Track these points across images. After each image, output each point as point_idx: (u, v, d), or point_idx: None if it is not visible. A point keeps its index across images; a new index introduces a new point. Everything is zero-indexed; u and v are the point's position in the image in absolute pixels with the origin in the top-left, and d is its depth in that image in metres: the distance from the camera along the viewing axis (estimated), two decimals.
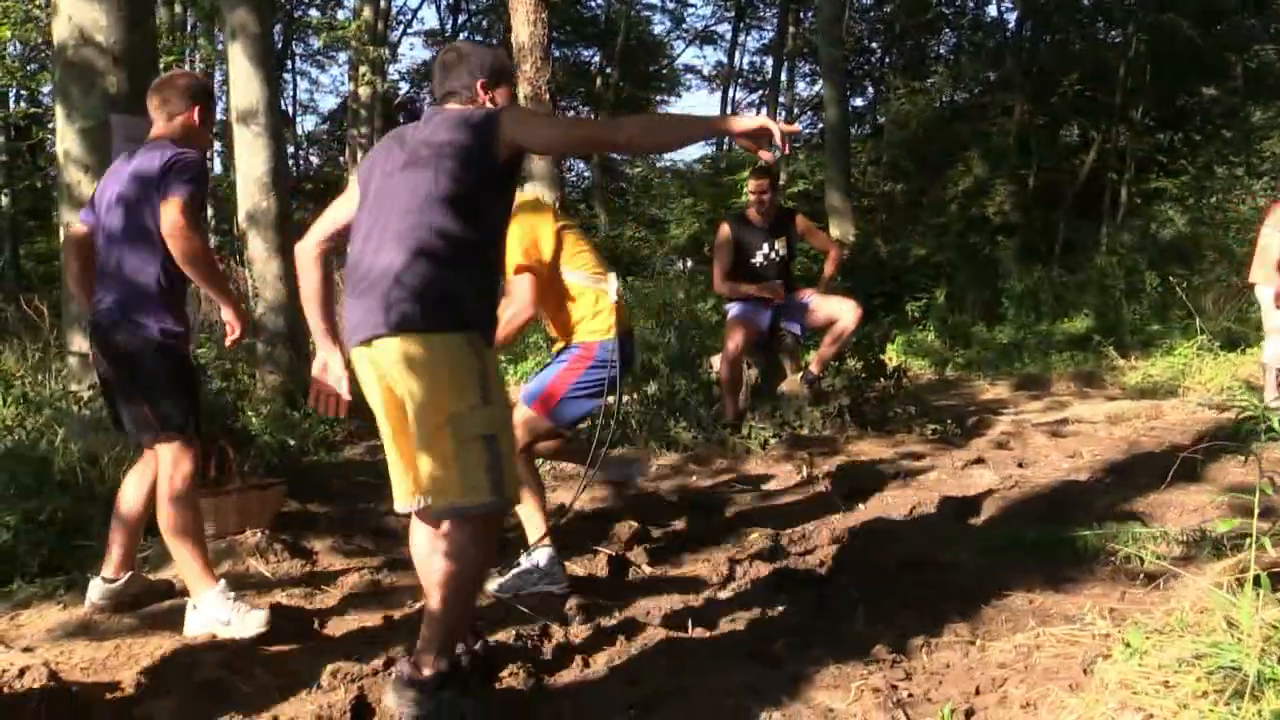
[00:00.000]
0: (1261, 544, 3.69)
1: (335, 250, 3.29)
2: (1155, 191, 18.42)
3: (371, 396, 3.06)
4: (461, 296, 2.93)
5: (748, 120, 2.81)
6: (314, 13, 26.79)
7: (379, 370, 2.96)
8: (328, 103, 63.17)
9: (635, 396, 7.44)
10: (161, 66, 7.88)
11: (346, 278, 3.07)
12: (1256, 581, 3.17)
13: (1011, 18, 25.55)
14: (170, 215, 3.59)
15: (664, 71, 35.12)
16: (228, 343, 3.74)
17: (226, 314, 3.75)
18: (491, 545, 3.02)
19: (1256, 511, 3.37)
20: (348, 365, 3.24)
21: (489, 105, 3.15)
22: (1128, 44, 20.14)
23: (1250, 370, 8.35)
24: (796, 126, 3.03)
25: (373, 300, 2.90)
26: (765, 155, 2.87)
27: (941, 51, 28.99)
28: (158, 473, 3.79)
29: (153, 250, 3.73)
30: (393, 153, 3.08)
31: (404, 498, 3.12)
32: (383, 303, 2.88)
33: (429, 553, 3.06)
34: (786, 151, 2.94)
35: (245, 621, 3.67)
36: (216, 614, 3.70)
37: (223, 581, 3.80)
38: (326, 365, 3.26)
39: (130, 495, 3.92)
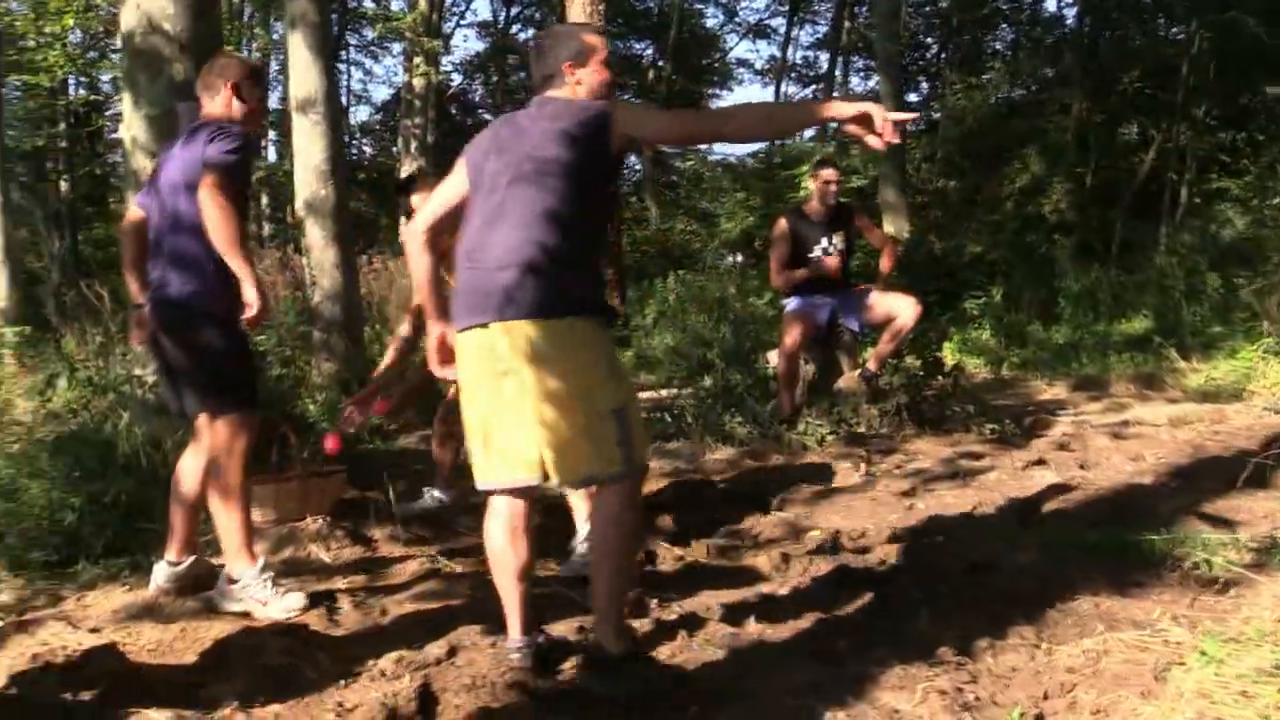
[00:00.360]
0: None
1: (444, 232, 3.32)
2: (1216, 191, 18.12)
3: (477, 378, 3.08)
4: (584, 282, 3.03)
5: (857, 106, 2.81)
6: (369, 3, 26.96)
7: (497, 352, 2.99)
8: (381, 93, 63.67)
9: (690, 390, 7.42)
10: None
11: (460, 261, 3.11)
12: None
13: (1070, 13, 25.26)
14: (204, 179, 3.63)
15: (716, 65, 35.02)
16: (244, 320, 3.71)
17: (247, 292, 3.71)
18: (640, 511, 3.12)
19: None
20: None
21: (577, 85, 3.19)
22: (1190, 41, 19.81)
23: None
24: (911, 115, 2.99)
25: (494, 286, 2.96)
26: (874, 143, 2.84)
27: (998, 47, 28.72)
28: (213, 448, 3.83)
29: (194, 235, 3.77)
30: (506, 139, 3.13)
31: (504, 476, 3.10)
32: (507, 289, 2.94)
33: (506, 538, 3.14)
34: (895, 140, 2.90)
35: (282, 604, 3.73)
36: (255, 594, 3.76)
37: (261, 561, 3.85)
38: (445, 338, 3.27)
39: (187, 477, 3.98)
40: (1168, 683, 2.85)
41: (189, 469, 3.98)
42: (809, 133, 25.35)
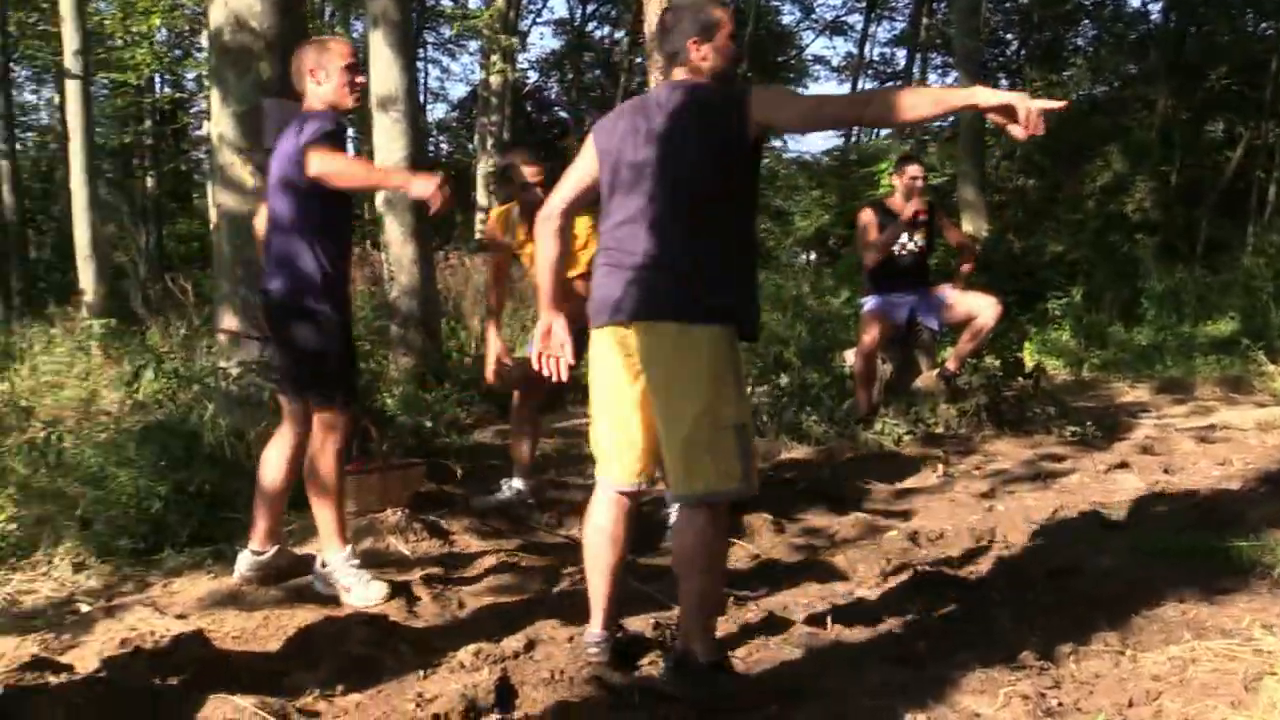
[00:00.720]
0: None
1: (576, 216, 3.33)
2: None
3: (607, 374, 3.10)
4: (727, 286, 2.98)
5: (1002, 95, 2.72)
6: (447, 1, 27.18)
7: (628, 350, 3.01)
8: (457, 90, 64.16)
9: (766, 389, 7.38)
10: None
11: (600, 257, 3.12)
12: None
13: (1155, 8, 24.77)
14: (309, 160, 3.64)
15: (792, 62, 34.82)
16: (434, 209, 3.58)
17: (414, 189, 3.60)
18: (726, 525, 3.10)
19: None
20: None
21: (702, 62, 3.10)
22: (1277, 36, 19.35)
23: None
24: (1059, 104, 2.88)
25: (635, 283, 2.96)
26: (1017, 133, 2.74)
27: (1080, 43, 28.20)
28: (310, 439, 3.92)
29: (310, 232, 3.83)
30: (640, 128, 3.07)
31: (621, 476, 3.13)
32: (648, 287, 2.95)
33: (608, 533, 3.14)
34: (1040, 132, 2.79)
35: (365, 591, 3.81)
36: (340, 579, 3.83)
37: (350, 548, 3.90)
38: (551, 329, 3.28)
39: (271, 467, 4.05)
40: (1259, 693, 2.79)
41: (272, 459, 4.05)
42: (886, 129, 25.13)
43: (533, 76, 32.33)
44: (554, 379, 3.33)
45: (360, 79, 3.97)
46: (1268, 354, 9.89)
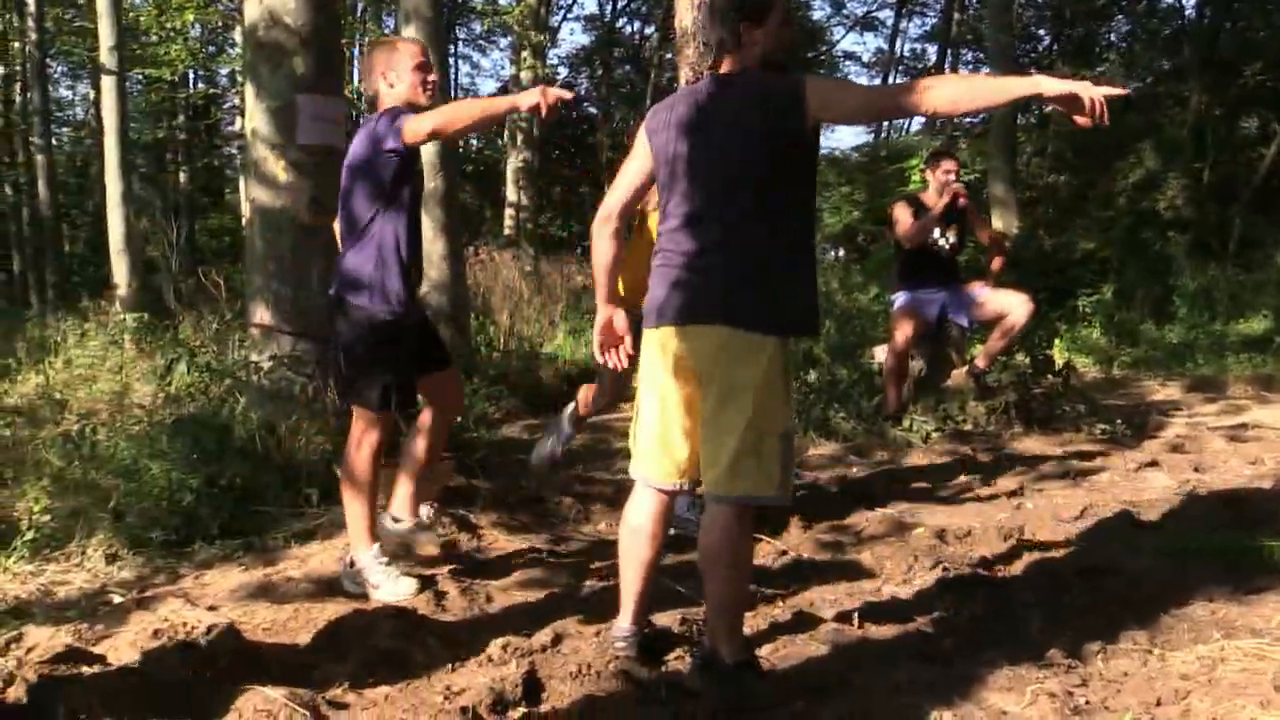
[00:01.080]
0: None
1: (633, 214, 3.32)
2: None
3: (659, 374, 3.08)
4: (782, 287, 2.95)
5: (1065, 84, 2.68)
6: None
7: (682, 353, 2.99)
8: (488, 86, 64.25)
9: (795, 385, 7.37)
10: None
11: (657, 256, 3.09)
12: None
13: (1189, 4, 24.53)
14: (406, 129, 3.70)
15: (823, 58, 34.72)
16: (545, 114, 3.54)
17: (524, 103, 3.57)
18: (752, 525, 3.11)
19: None
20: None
21: (753, 47, 3.01)
22: None
23: None
24: (1122, 90, 2.83)
25: (688, 285, 2.95)
26: (1082, 121, 2.70)
27: (1113, 39, 27.97)
28: (350, 435, 3.98)
29: (364, 235, 3.88)
30: (692, 122, 3.02)
31: (664, 475, 3.12)
32: (707, 291, 2.92)
33: (645, 530, 3.14)
34: (1104, 122, 2.74)
35: (395, 587, 3.85)
36: (369, 576, 3.88)
37: (378, 546, 3.93)
38: (611, 321, 3.29)
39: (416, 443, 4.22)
40: None
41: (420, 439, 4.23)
42: (916, 124, 25.03)
43: (563, 72, 32.38)
44: (616, 369, 3.36)
45: (432, 77, 4.01)
46: None
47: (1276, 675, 2.95)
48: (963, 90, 2.85)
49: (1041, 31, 30.18)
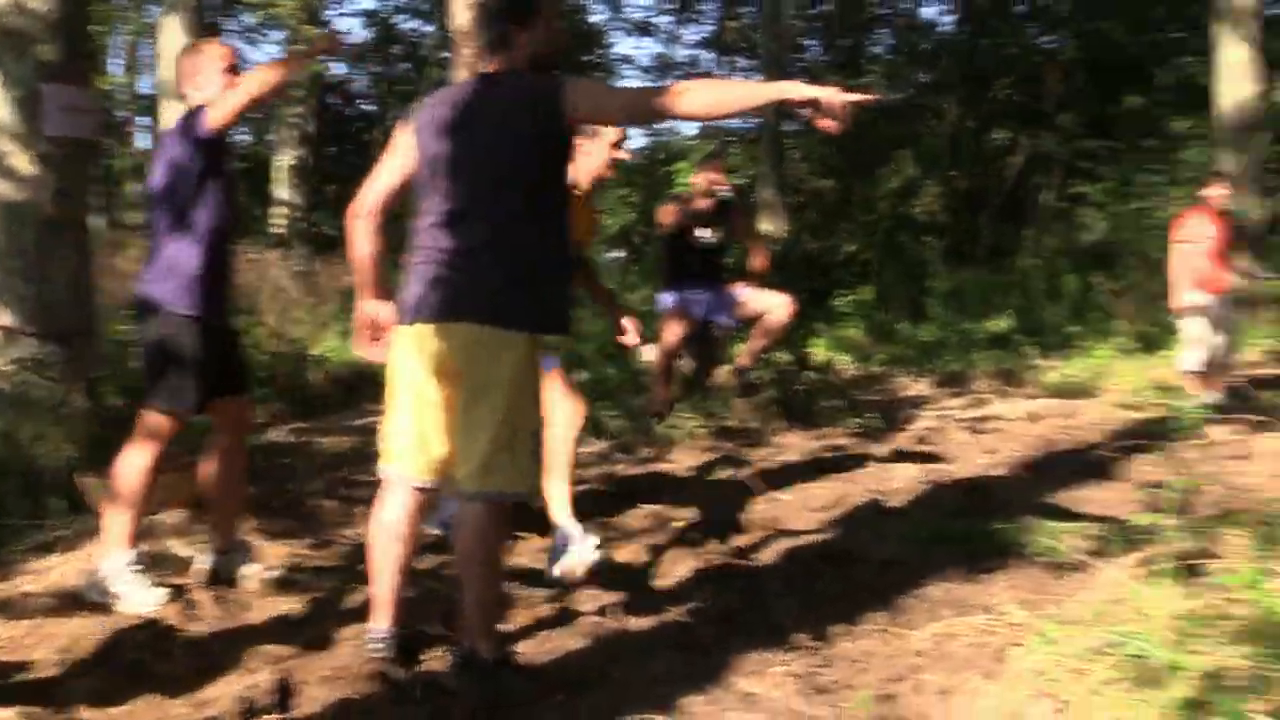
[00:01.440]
0: (1172, 538, 3.82)
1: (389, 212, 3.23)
2: (1079, 196, 18.76)
3: (409, 372, 3.04)
4: (536, 286, 2.96)
5: (811, 89, 2.75)
6: None
7: (438, 349, 2.95)
8: None
9: None
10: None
11: (414, 253, 3.04)
12: (1167, 574, 3.28)
13: (948, 20, 25.81)
14: (212, 110, 3.68)
15: (599, 61, 34.96)
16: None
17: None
18: (507, 523, 3.16)
19: (1167, 507, 3.48)
20: None
21: (520, 50, 3.03)
22: (1061, 50, 20.49)
23: (1163, 373, 8.58)
24: (869, 96, 2.93)
25: (442, 283, 2.92)
26: (828, 125, 2.76)
27: (878, 51, 29.21)
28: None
29: (172, 232, 3.78)
30: (455, 121, 3.00)
31: (419, 472, 3.09)
32: (472, 289, 2.91)
33: (398, 528, 3.11)
34: (847, 125, 2.81)
35: (143, 596, 3.70)
36: (115, 585, 3.72)
37: (134, 554, 3.78)
38: (370, 314, 3.26)
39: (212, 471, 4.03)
40: (1007, 663, 2.98)
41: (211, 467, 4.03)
42: (692, 129, 25.52)
43: (339, 69, 31.58)
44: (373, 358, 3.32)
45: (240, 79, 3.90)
46: (1038, 349, 10.52)
47: (999, 648, 3.16)
48: (717, 95, 2.91)
49: (811, 42, 31.28)
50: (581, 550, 3.99)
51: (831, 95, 2.73)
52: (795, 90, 2.79)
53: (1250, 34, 11.89)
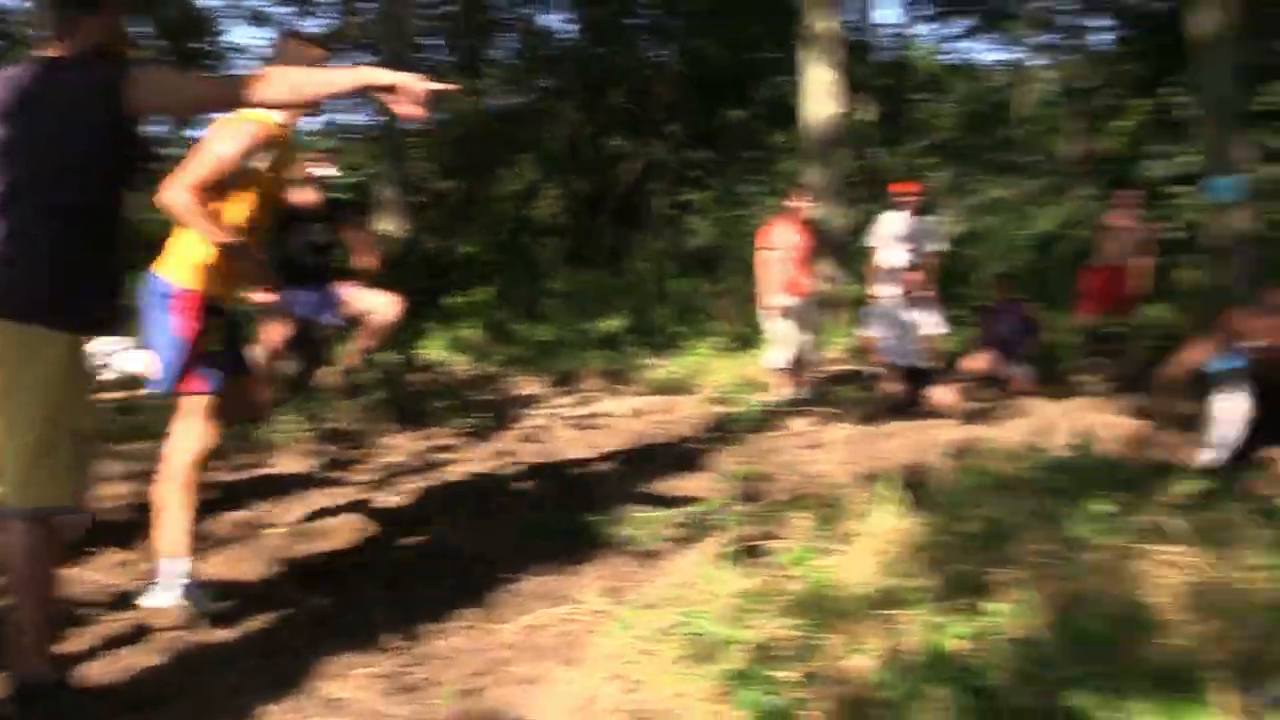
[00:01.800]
0: (740, 523, 4.12)
1: None
2: (686, 204, 19.76)
3: None
4: (81, 282, 2.77)
5: (391, 76, 2.73)
6: None
7: None
8: None
9: None
10: None
11: None
12: (733, 556, 3.53)
13: (570, 28, 26.44)
14: None
15: (209, 49, 33.30)
16: None
17: None
18: (58, 540, 2.90)
19: (736, 495, 3.75)
20: None
21: (84, 37, 2.85)
22: (669, 65, 21.50)
23: (754, 370, 9.18)
24: (451, 86, 2.94)
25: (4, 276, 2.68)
26: (410, 113, 2.75)
27: (501, 55, 29.48)
28: None
29: None
30: (18, 106, 2.77)
31: None
32: (14, 283, 2.70)
33: None
34: (428, 114, 2.78)
35: None
36: None
37: None
38: None
39: None
40: (587, 650, 3.11)
41: None
42: (314, 123, 24.78)
43: None
44: None
45: None
46: (647, 348, 10.98)
47: (581, 636, 3.30)
48: (295, 82, 2.87)
49: (434, 42, 31.14)
50: (182, 592, 3.74)
51: (410, 81, 2.75)
52: (374, 76, 2.82)
53: (834, 58, 12.90)
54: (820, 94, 12.96)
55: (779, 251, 8.39)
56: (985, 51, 47.25)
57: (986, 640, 2.65)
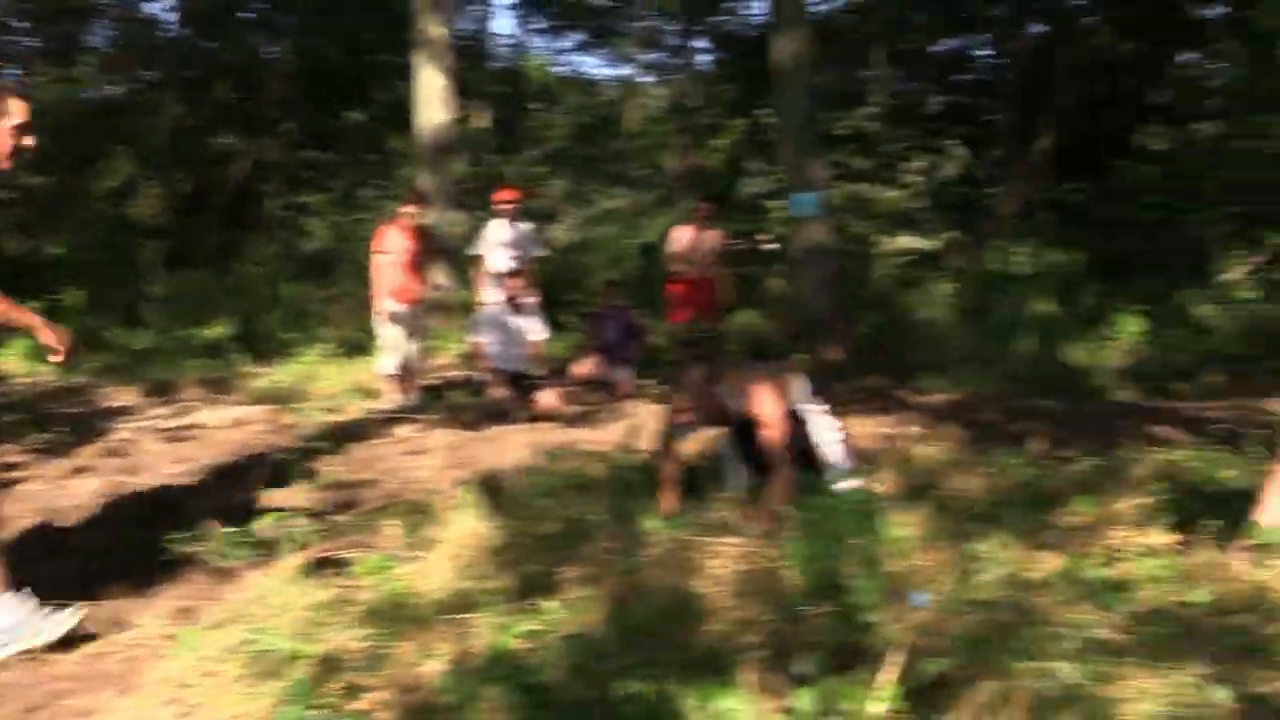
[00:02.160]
0: (327, 533, 4.06)
1: None
2: (302, 206, 19.23)
3: None
4: None
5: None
6: None
7: None
8: None
9: None
10: None
11: None
12: (308, 569, 3.48)
13: (170, 18, 25.03)
14: None
15: None
16: None
17: None
18: None
19: (322, 506, 3.66)
20: None
21: None
22: (280, 60, 20.82)
23: (365, 376, 9.06)
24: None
25: None
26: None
27: (97, 43, 27.48)
28: None
29: None
30: None
31: None
32: None
33: None
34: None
35: None
36: None
37: None
38: None
39: None
40: (147, 675, 2.97)
41: None
42: None
43: None
44: None
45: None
46: (254, 356, 10.58)
47: (142, 662, 3.15)
48: None
49: (20, 24, 28.63)
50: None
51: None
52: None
53: (445, 64, 12.94)
54: (433, 99, 12.98)
55: (390, 256, 8.33)
56: (597, 66, 48.91)
57: (546, 637, 2.75)
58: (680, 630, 2.68)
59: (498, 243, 9.12)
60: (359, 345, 10.71)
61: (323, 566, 3.63)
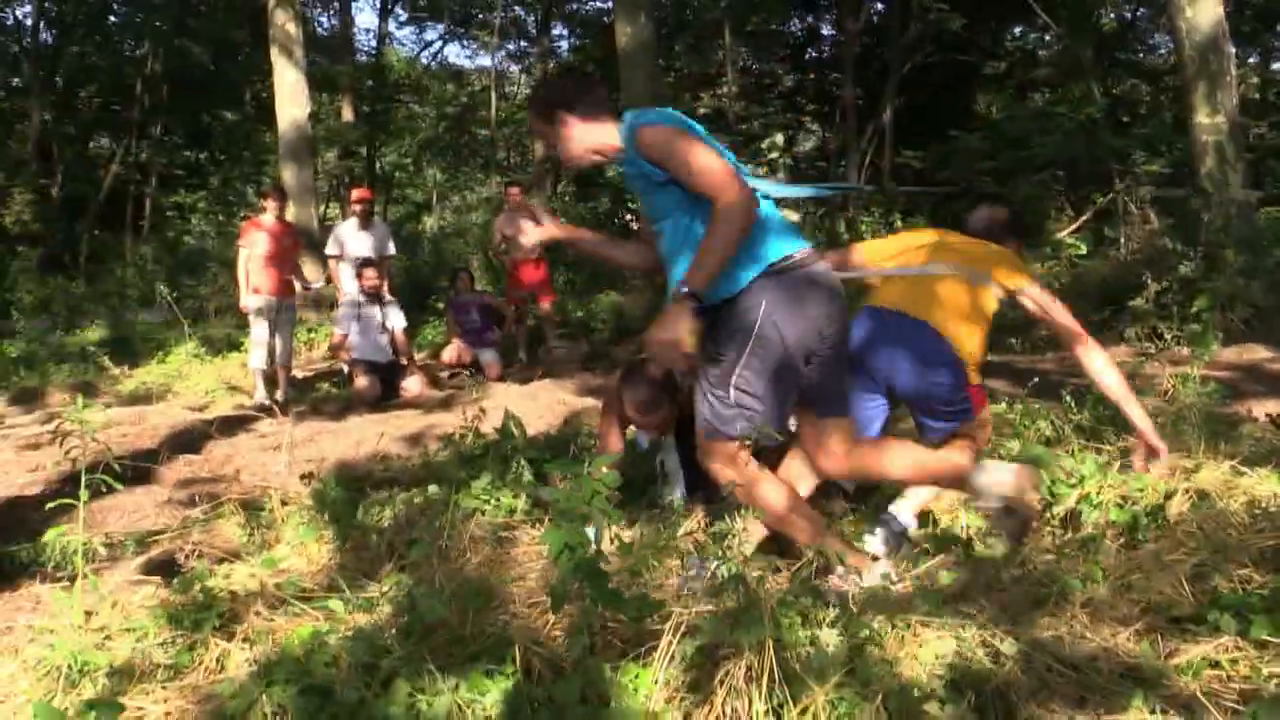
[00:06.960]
0: (152, 543, 3.88)
1: None
2: (177, 206, 18.66)
3: None
4: None
5: None
6: None
7: None
8: None
9: None
10: None
11: None
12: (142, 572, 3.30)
13: (31, 23, 24.00)
14: None
15: None
16: None
17: None
18: None
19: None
20: None
21: None
22: (146, 62, 20.11)
23: (234, 372, 8.80)
24: None
25: None
26: None
27: None
28: None
29: None
30: None
31: None
32: None
33: None
34: None
35: None
36: None
37: None
38: None
39: None
40: None
41: None
42: None
43: None
44: None
45: None
46: (126, 358, 10.18)
47: None
48: None
49: None
50: None
51: None
52: None
53: (299, 59, 12.53)
54: (293, 95, 12.60)
55: (255, 251, 8.10)
56: (464, 56, 48.21)
57: (332, 637, 2.61)
58: (473, 621, 2.58)
59: (352, 240, 8.94)
60: (233, 343, 10.42)
61: (155, 571, 3.46)
